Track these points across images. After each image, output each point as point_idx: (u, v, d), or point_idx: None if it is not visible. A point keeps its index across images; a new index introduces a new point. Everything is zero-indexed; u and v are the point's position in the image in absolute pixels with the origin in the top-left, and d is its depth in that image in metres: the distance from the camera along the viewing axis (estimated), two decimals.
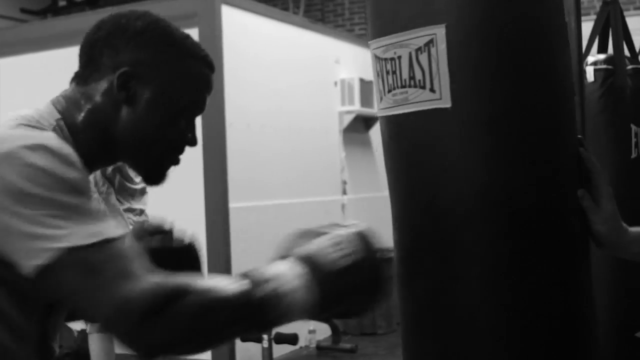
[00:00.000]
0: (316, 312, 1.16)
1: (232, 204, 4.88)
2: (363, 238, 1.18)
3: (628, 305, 3.16)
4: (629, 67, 3.26)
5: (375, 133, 5.92)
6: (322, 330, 5.63)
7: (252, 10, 5.28)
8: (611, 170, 3.18)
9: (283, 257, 1.18)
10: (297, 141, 5.58)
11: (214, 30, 4.93)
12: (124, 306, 1.06)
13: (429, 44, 1.33)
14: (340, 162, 6.08)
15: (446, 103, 1.33)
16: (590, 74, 3.18)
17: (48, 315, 1.27)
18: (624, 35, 3.37)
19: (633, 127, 3.21)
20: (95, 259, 1.09)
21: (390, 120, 1.43)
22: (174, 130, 1.33)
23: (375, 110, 3.53)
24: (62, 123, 1.27)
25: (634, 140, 3.22)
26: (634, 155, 3.22)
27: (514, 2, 1.34)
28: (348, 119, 6.09)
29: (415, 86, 1.36)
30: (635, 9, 7.65)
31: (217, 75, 5.12)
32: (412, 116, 1.38)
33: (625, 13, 6.82)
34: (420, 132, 1.38)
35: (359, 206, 6.00)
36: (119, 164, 1.47)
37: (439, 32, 1.32)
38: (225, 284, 1.12)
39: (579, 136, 1.47)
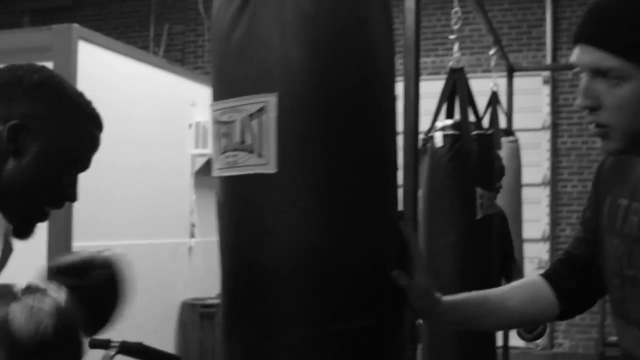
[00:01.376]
0: None
1: (77, 243, 4.78)
2: (61, 313, 1.14)
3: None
4: (474, 132, 3.45)
5: None
6: None
7: (109, 47, 5.25)
8: (458, 231, 3.35)
9: None
10: (147, 181, 5.55)
11: (69, 65, 4.86)
12: None
13: (261, 110, 1.39)
14: (190, 204, 6.08)
15: (272, 168, 1.39)
16: (439, 139, 3.35)
17: None
18: (469, 101, 3.57)
19: (478, 189, 3.40)
20: None
21: (222, 181, 1.48)
22: (57, 184, 1.35)
23: None
24: None
25: (479, 202, 3.40)
26: (479, 216, 3.40)
27: (345, 76, 1.41)
28: (200, 161, 6.10)
29: (245, 150, 1.42)
30: (483, 71, 8.05)
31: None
32: (242, 179, 1.43)
33: (472, 75, 7.18)
34: (248, 193, 1.43)
35: (207, 249, 6.00)
36: None
37: (271, 100, 1.38)
38: None
39: (400, 210, 1.56)
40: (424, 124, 3.51)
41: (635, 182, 1.53)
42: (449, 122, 3.48)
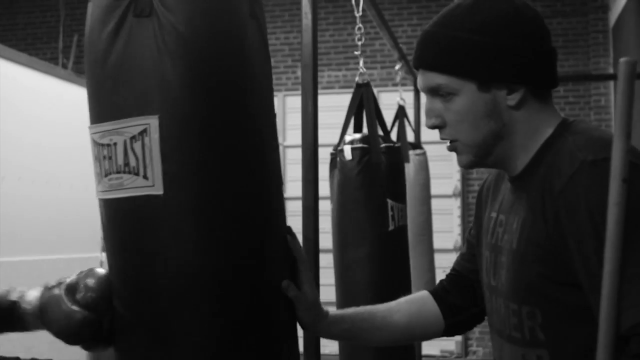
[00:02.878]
0: None
1: None
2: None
3: None
4: (382, 145, 3.50)
5: None
6: None
7: (13, 59, 5.13)
8: (370, 242, 3.38)
9: None
10: (55, 195, 5.43)
11: None
12: None
13: (143, 133, 1.39)
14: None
15: (158, 190, 1.39)
16: (347, 152, 3.39)
17: None
18: (377, 115, 3.62)
19: (389, 201, 3.44)
20: None
21: (107, 203, 1.47)
22: None
23: None
24: None
25: (390, 213, 3.44)
26: (391, 227, 3.44)
27: (223, 95, 1.42)
28: None
29: (129, 172, 1.41)
30: (394, 85, 8.16)
31: None
32: (127, 201, 1.42)
33: (383, 89, 7.27)
34: (134, 215, 1.43)
35: None
36: None
37: (153, 122, 1.38)
38: None
39: (288, 225, 1.58)
40: (336, 137, 3.54)
41: (502, 196, 1.60)
42: (358, 135, 3.53)
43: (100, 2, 1.45)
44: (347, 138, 3.51)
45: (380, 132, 3.68)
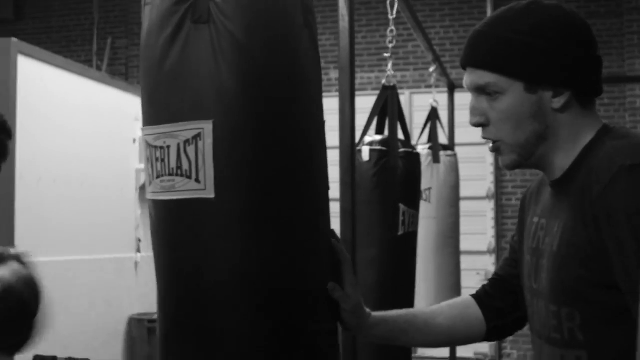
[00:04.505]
0: None
1: None
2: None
3: None
4: (401, 150, 3.50)
5: None
6: None
7: (49, 62, 5.19)
8: (379, 245, 3.39)
9: None
10: (91, 197, 5.49)
11: (8, 80, 4.79)
12: None
13: (197, 137, 1.41)
14: (135, 219, 6.03)
15: (210, 194, 1.41)
16: (365, 153, 3.39)
17: None
18: (399, 119, 3.62)
19: (402, 206, 3.44)
20: None
21: (158, 204, 1.49)
22: None
23: None
24: None
25: (401, 218, 3.44)
26: (400, 232, 3.45)
27: (275, 104, 1.44)
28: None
29: (182, 175, 1.43)
30: (426, 87, 8.14)
31: (10, 125, 4.92)
32: (178, 203, 1.44)
33: (416, 91, 7.27)
34: (185, 218, 1.44)
35: (153, 264, 5.96)
36: None
37: (207, 127, 1.40)
38: None
39: (332, 229, 1.60)
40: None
41: (544, 200, 1.62)
42: (378, 137, 3.53)
43: (159, 7, 1.47)
44: (367, 139, 3.52)
45: (402, 137, 3.68)
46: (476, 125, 1.57)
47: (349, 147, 2.52)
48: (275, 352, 1.43)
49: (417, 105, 4.82)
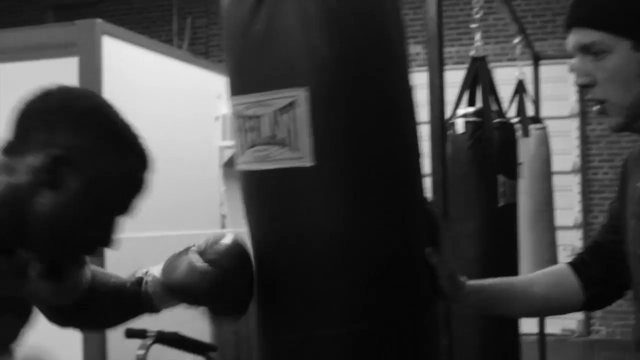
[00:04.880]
0: None
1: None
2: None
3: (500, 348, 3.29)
4: (496, 120, 3.44)
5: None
6: None
7: (133, 41, 5.25)
8: (479, 218, 3.34)
9: None
10: (175, 174, 5.55)
11: (94, 60, 4.86)
12: None
13: (291, 105, 1.38)
14: (220, 196, 6.08)
15: (307, 162, 1.38)
16: (460, 125, 3.34)
17: None
18: (491, 89, 3.56)
19: (500, 177, 3.38)
20: None
21: (251, 175, 1.47)
22: (94, 229, 1.22)
23: None
24: None
25: (500, 189, 3.38)
26: (501, 203, 3.39)
27: (371, 70, 1.41)
28: (228, 153, 6.10)
29: (277, 144, 1.41)
30: (508, 60, 7.99)
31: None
32: (274, 173, 1.42)
33: (498, 64, 7.18)
34: (281, 188, 1.42)
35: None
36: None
37: (301, 95, 1.38)
38: None
39: (426, 195, 1.57)
40: (449, 113, 3.49)
41: None
42: (471, 109, 3.48)
43: None
44: (460, 111, 3.47)
45: (495, 107, 3.62)
46: (582, 85, 1.53)
47: (439, 119, 2.48)
48: (373, 320, 1.40)
49: (499, 78, 4.75)
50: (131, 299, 1.47)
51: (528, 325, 5.13)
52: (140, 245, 5.10)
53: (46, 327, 1.55)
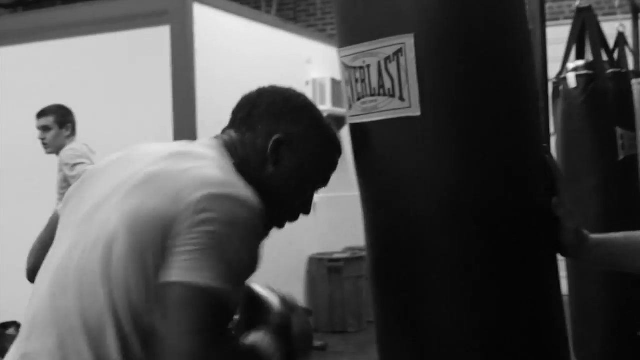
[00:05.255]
0: None
1: None
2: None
3: (627, 303, 3.18)
4: (609, 71, 3.30)
5: (347, 132, 5.88)
6: None
7: (223, 8, 5.28)
8: (599, 173, 3.22)
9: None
10: None
11: (185, 28, 4.91)
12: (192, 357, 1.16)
13: (398, 53, 1.34)
14: None
15: (415, 111, 1.33)
16: (572, 79, 3.21)
17: None
18: (601, 39, 3.41)
19: (618, 129, 3.25)
20: (203, 302, 1.18)
21: (360, 127, 1.44)
22: (300, 198, 1.48)
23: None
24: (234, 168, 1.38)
25: (620, 142, 3.25)
26: (621, 157, 3.25)
27: (480, 12, 1.35)
28: None
29: (384, 95, 1.36)
30: (604, 14, 7.72)
31: (189, 72, 5.13)
32: (382, 124, 1.38)
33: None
34: (390, 139, 1.38)
35: (330, 204, 6.02)
36: None
37: (408, 42, 1.33)
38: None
39: (545, 144, 1.49)
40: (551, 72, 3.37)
41: None
42: (581, 62, 3.34)
43: None
44: (570, 66, 3.33)
45: (605, 58, 3.47)
46: None
47: (541, 72, 2.40)
48: (487, 274, 1.36)
49: None
50: None
51: None
52: None
53: None
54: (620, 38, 4.83)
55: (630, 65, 5.04)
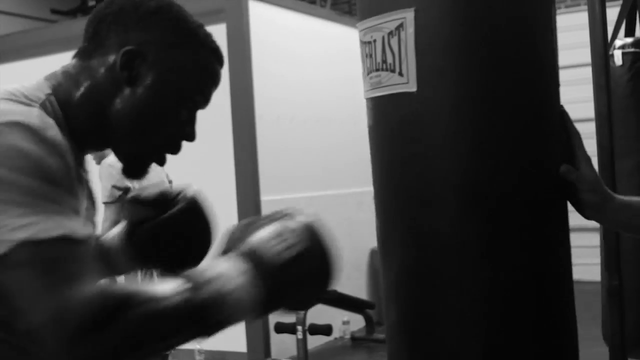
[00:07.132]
0: (263, 308, 1.09)
1: (264, 197, 4.90)
2: (308, 229, 1.13)
3: None
4: None
5: None
6: (356, 321, 5.64)
7: (278, 4, 5.30)
8: None
9: (225, 253, 1.11)
10: (326, 133, 5.59)
11: (241, 25, 4.95)
12: (60, 316, 0.95)
13: (399, 27, 1.32)
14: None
15: (412, 87, 1.32)
16: (618, 57, 3.16)
17: None
18: None
19: None
20: (47, 255, 0.99)
21: (369, 103, 1.42)
22: (174, 120, 1.24)
23: None
24: (52, 98, 1.18)
25: None
26: None
27: None
28: None
29: (386, 70, 1.35)
30: None
31: (246, 68, 5.15)
32: (385, 99, 1.37)
33: None
34: (392, 115, 1.37)
35: None
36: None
37: (409, 16, 1.31)
38: (167, 291, 1.02)
39: (562, 106, 1.44)
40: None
41: None
42: (629, 40, 3.27)
43: None
44: (617, 43, 3.27)
45: None
46: None
47: (602, 47, 2.33)
48: (502, 248, 1.34)
49: None
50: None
51: None
52: (296, 206, 5.15)
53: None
54: None
55: None
